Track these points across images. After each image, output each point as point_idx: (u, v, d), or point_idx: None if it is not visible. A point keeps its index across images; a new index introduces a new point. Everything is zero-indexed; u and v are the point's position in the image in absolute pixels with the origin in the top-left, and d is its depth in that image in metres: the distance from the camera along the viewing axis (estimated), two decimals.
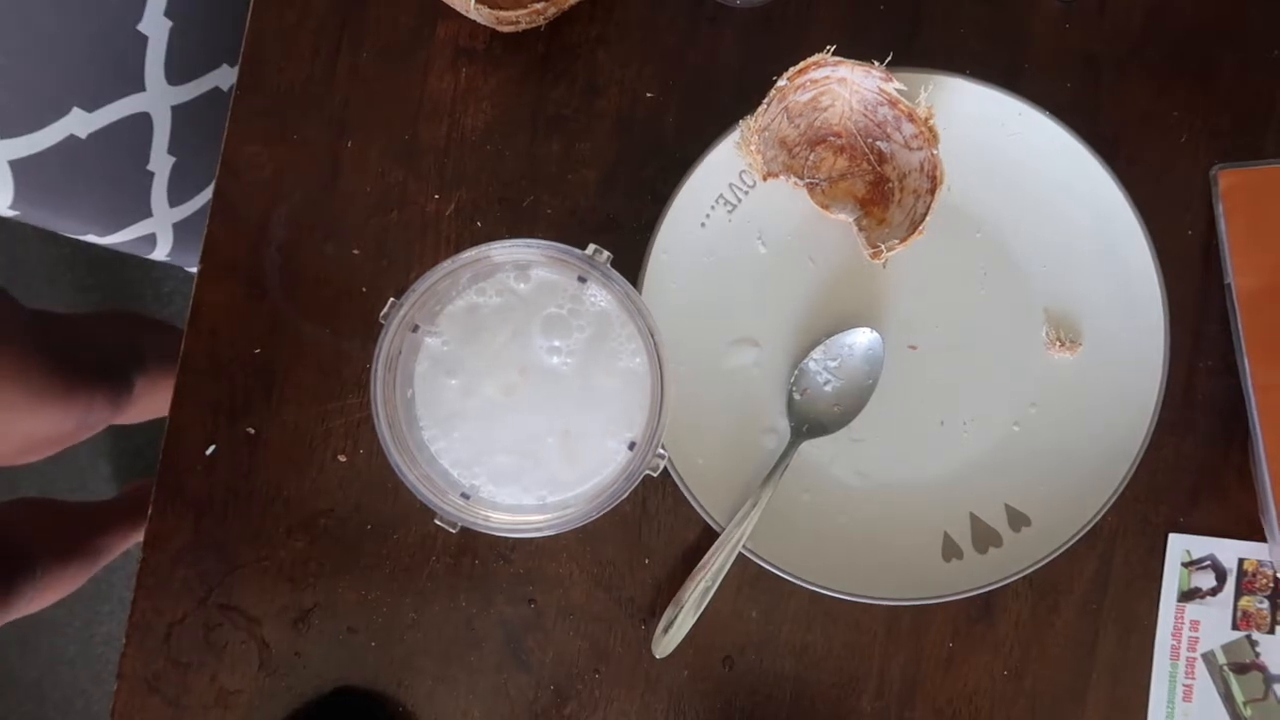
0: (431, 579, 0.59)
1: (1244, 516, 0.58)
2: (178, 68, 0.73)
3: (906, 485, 0.58)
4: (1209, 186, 0.59)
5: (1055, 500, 0.57)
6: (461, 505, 0.50)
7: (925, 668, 0.59)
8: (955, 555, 0.57)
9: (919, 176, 0.56)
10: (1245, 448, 0.59)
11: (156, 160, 0.77)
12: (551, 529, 0.49)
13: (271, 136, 0.59)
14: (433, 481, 0.50)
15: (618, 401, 0.51)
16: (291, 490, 0.59)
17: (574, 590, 0.59)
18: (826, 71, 0.55)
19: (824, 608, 0.59)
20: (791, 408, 0.58)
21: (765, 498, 0.56)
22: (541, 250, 0.49)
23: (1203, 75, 0.59)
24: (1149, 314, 0.57)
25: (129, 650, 0.59)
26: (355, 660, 0.59)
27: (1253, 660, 0.59)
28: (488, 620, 0.59)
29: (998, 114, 0.57)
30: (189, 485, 0.59)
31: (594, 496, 0.50)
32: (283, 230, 0.59)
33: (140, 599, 0.59)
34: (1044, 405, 0.58)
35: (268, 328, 0.59)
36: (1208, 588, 0.59)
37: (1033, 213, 0.58)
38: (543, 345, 0.51)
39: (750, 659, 0.59)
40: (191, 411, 0.59)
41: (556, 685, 0.59)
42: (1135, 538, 0.59)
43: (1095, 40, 0.59)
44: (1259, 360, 0.57)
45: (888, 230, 0.57)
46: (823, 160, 0.59)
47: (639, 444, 0.51)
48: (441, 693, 0.59)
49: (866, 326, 0.58)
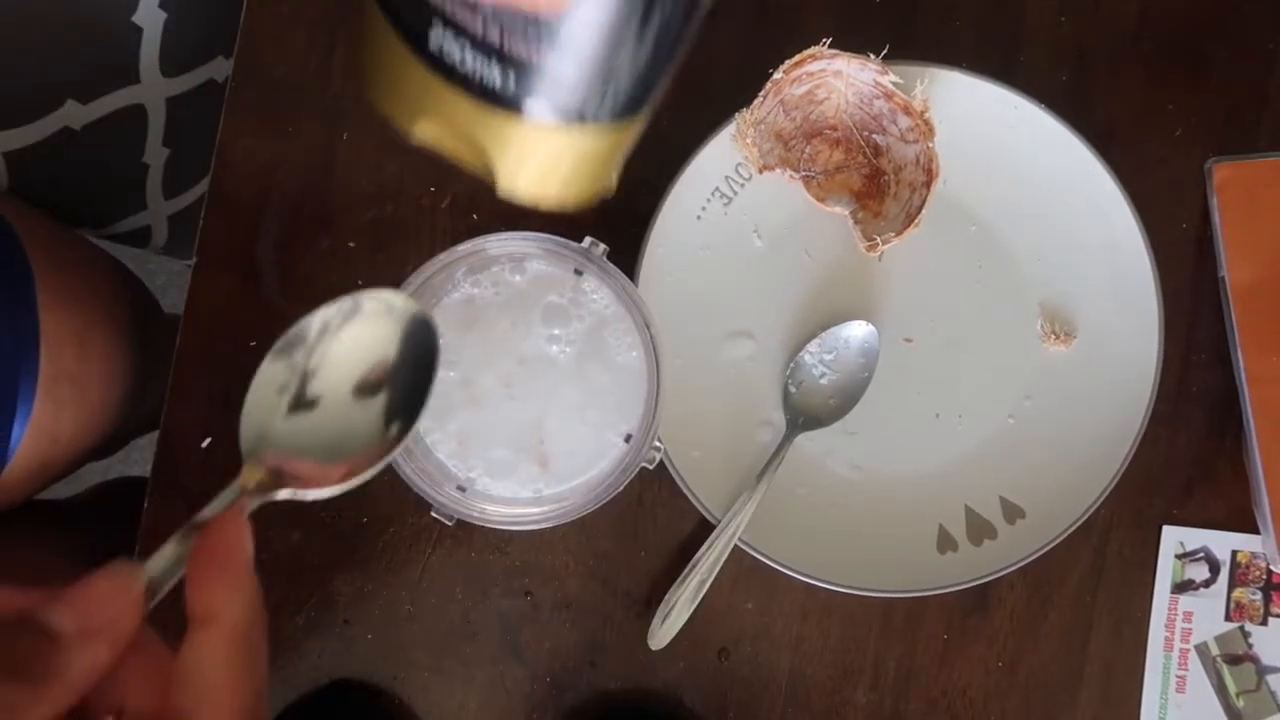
0: (428, 572, 0.59)
1: (1237, 509, 0.59)
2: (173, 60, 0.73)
3: (901, 478, 0.59)
4: (1203, 179, 0.59)
5: (1049, 492, 0.57)
6: (458, 498, 0.50)
7: (920, 659, 0.59)
8: (950, 547, 0.58)
9: (915, 169, 0.56)
10: (1239, 440, 0.59)
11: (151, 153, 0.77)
12: (548, 522, 0.49)
13: (266, 129, 0.59)
14: (429, 474, 0.50)
15: (614, 394, 0.51)
16: None
17: (570, 583, 0.59)
18: (822, 64, 0.55)
19: (819, 600, 0.59)
20: (787, 401, 0.58)
21: (761, 490, 0.56)
22: (538, 243, 0.49)
23: (1198, 68, 0.59)
24: (1143, 307, 0.57)
25: None
26: (351, 653, 0.59)
27: (1245, 652, 0.59)
28: (484, 613, 0.59)
29: (993, 107, 0.57)
30: (184, 478, 0.59)
31: (590, 489, 0.50)
32: (278, 223, 0.59)
33: None
34: (1038, 398, 0.58)
35: (263, 321, 0.59)
36: (1201, 579, 0.59)
37: (1028, 206, 0.58)
38: (543, 333, 0.51)
39: (746, 651, 0.59)
40: (187, 405, 0.59)
41: (553, 677, 0.59)
42: (1129, 530, 0.59)
43: (1090, 33, 0.60)
44: (1252, 353, 0.57)
45: (883, 223, 0.57)
46: (818, 153, 0.59)
47: (635, 437, 0.51)
48: (437, 685, 0.59)
49: (862, 319, 0.58)
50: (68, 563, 0.75)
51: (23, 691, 0.26)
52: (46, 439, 0.66)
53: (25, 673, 0.26)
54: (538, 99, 0.21)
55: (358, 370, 0.33)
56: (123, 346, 0.73)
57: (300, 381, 0.33)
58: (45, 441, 0.66)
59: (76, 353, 0.67)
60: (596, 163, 0.24)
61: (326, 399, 0.33)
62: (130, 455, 1.46)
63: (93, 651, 0.28)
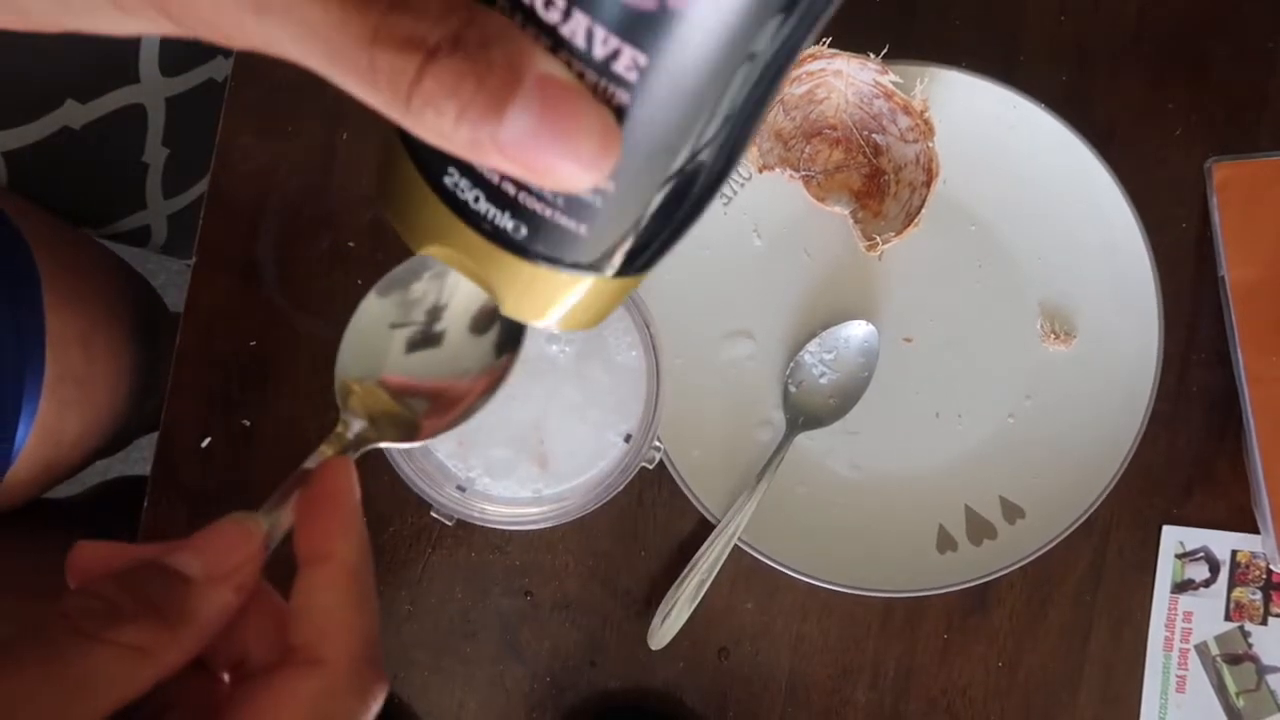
0: (427, 571, 0.59)
1: (1237, 508, 0.59)
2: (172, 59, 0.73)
3: (901, 477, 0.59)
4: (1203, 179, 0.59)
5: (1049, 492, 0.57)
6: (458, 498, 0.50)
7: (920, 659, 0.59)
8: (950, 547, 0.58)
9: (914, 169, 0.56)
10: (1239, 440, 0.59)
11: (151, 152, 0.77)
12: (547, 521, 0.49)
13: (266, 128, 0.59)
14: (428, 474, 0.50)
15: (614, 394, 0.51)
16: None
17: (570, 582, 0.59)
18: (822, 64, 0.55)
19: (819, 599, 0.59)
20: (787, 400, 0.58)
21: (761, 490, 0.56)
22: None
23: (1198, 68, 0.59)
24: (1143, 306, 0.57)
25: None
26: None
27: (1245, 651, 0.59)
28: (483, 612, 0.59)
29: (993, 107, 0.57)
30: (184, 478, 0.59)
31: (590, 489, 0.50)
32: (278, 223, 0.59)
33: None
34: (1038, 397, 0.58)
35: (263, 320, 0.59)
36: (1201, 579, 0.59)
37: (1028, 205, 0.58)
38: (542, 333, 0.51)
39: (746, 650, 0.59)
40: (186, 404, 0.59)
41: (552, 677, 0.59)
42: (1129, 530, 0.59)
43: (1090, 33, 0.59)
44: (1252, 352, 0.57)
45: (883, 223, 0.57)
46: (818, 153, 0.59)
47: (635, 436, 0.51)
48: (437, 684, 0.59)
49: (862, 319, 0.58)
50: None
51: (160, 632, 0.26)
52: (52, 440, 0.66)
53: (161, 614, 0.26)
54: (548, 250, 0.22)
55: (475, 303, 0.33)
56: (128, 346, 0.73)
57: (427, 317, 0.33)
58: (50, 442, 0.66)
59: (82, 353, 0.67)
60: (600, 306, 0.24)
61: (450, 334, 0.32)
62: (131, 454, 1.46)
63: (221, 596, 0.28)
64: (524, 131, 0.18)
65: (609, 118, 0.19)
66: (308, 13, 0.18)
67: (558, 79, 0.18)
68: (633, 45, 0.18)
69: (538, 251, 0.22)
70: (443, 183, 0.21)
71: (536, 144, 0.18)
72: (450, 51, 0.18)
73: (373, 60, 0.18)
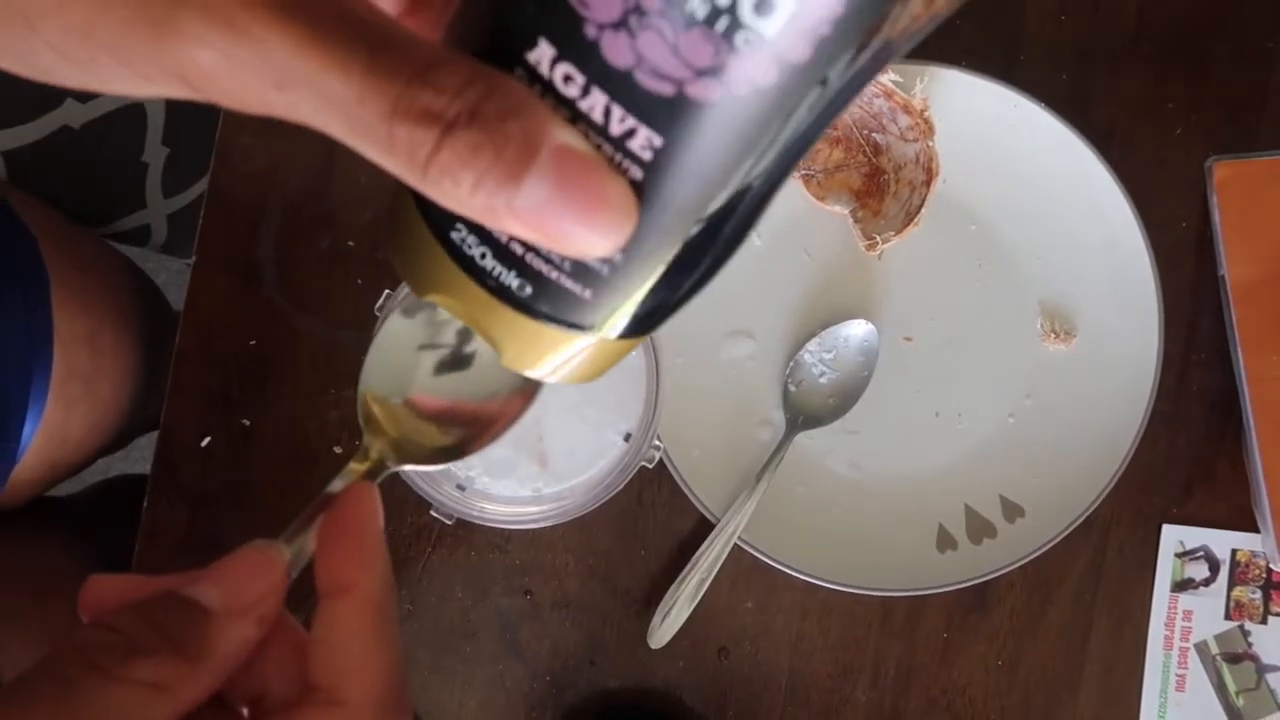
0: (427, 570, 0.59)
1: (1237, 507, 0.59)
2: None
3: (901, 477, 0.59)
4: (1204, 178, 0.59)
5: (1049, 491, 0.57)
6: (457, 497, 0.50)
7: (920, 658, 0.59)
8: (950, 546, 0.58)
9: (914, 168, 0.56)
10: (1239, 439, 0.59)
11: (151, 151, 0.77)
12: (547, 521, 0.49)
13: (266, 127, 0.59)
14: (428, 473, 0.50)
15: (613, 393, 0.51)
16: (287, 482, 0.59)
17: (570, 581, 0.59)
18: None
19: (819, 598, 0.59)
20: (787, 400, 0.58)
21: (760, 489, 0.56)
22: None
23: (1198, 67, 0.59)
24: (1143, 305, 0.57)
25: None
26: None
27: (1245, 650, 0.59)
28: (483, 611, 0.59)
29: (993, 106, 0.57)
30: (184, 477, 0.59)
31: (590, 488, 0.50)
32: (277, 222, 0.59)
33: None
34: (1038, 397, 0.58)
35: (263, 320, 0.59)
36: (1201, 578, 0.59)
37: (1028, 205, 0.58)
38: None
39: (745, 650, 0.59)
40: (186, 404, 0.59)
41: (552, 676, 0.59)
42: (1129, 529, 0.59)
43: (1090, 32, 0.59)
44: (1252, 352, 0.57)
45: (883, 222, 0.57)
46: (818, 152, 0.59)
47: (635, 435, 0.51)
48: (437, 684, 0.59)
49: (861, 318, 0.58)
50: (70, 561, 0.75)
51: (179, 667, 0.25)
52: (57, 438, 0.66)
53: (180, 648, 0.25)
54: (552, 310, 0.22)
55: None
56: (133, 345, 0.73)
57: (458, 338, 0.32)
58: (56, 440, 0.66)
59: (89, 351, 0.67)
60: (601, 363, 0.24)
61: (481, 355, 0.32)
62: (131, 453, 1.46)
63: (242, 629, 0.27)
64: (539, 200, 0.18)
65: (626, 188, 0.19)
66: (328, 87, 0.18)
67: (575, 150, 0.19)
68: (649, 126, 0.18)
69: (541, 310, 0.22)
70: (449, 237, 0.22)
71: (552, 211, 0.18)
72: (467, 124, 0.18)
73: (391, 133, 0.18)
